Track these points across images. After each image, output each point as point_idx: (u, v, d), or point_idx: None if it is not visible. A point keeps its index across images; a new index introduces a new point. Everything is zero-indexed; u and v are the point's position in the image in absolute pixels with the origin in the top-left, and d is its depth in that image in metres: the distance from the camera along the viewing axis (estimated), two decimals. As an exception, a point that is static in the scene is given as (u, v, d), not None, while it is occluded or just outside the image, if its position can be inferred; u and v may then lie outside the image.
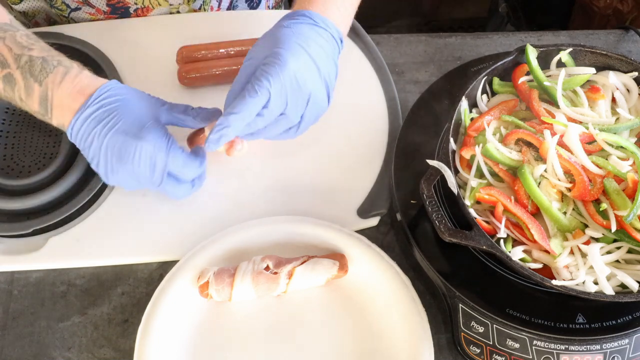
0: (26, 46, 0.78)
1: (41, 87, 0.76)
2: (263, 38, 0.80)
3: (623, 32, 1.11)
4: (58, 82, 0.76)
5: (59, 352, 0.80)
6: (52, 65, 0.77)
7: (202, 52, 0.98)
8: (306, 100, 0.78)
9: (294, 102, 0.76)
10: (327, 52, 0.79)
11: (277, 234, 0.85)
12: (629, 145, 0.81)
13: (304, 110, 0.79)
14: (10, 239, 0.87)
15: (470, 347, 0.77)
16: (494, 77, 0.90)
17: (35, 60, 0.77)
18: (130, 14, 1.06)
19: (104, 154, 0.76)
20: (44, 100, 0.77)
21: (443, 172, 0.78)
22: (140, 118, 0.77)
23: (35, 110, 0.78)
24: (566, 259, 0.76)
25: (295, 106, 0.77)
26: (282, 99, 0.75)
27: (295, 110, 0.78)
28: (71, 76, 0.77)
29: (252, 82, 0.74)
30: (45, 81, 0.76)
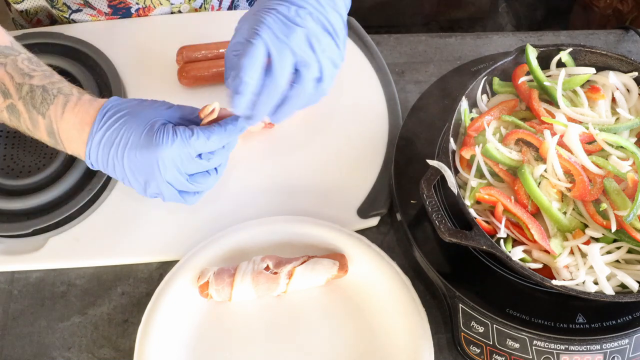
0: (27, 73, 0.76)
1: (45, 120, 0.75)
2: None
3: (623, 32, 1.11)
4: (60, 115, 0.75)
5: (59, 352, 0.80)
6: (53, 95, 0.75)
7: (202, 52, 0.98)
8: (306, 39, 0.74)
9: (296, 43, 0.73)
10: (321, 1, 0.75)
11: (277, 234, 0.85)
12: (629, 145, 0.81)
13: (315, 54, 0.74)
14: (10, 239, 0.87)
15: (470, 347, 0.77)
16: (494, 77, 0.90)
17: (36, 91, 0.75)
18: (131, 14, 1.06)
19: (131, 174, 0.74)
20: (51, 133, 0.76)
21: (443, 172, 0.78)
22: (148, 126, 0.74)
23: (46, 140, 0.78)
24: (566, 259, 0.76)
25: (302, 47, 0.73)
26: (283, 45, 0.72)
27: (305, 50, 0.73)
28: (71, 105, 0.75)
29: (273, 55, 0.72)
30: (47, 114, 0.75)
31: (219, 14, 1.12)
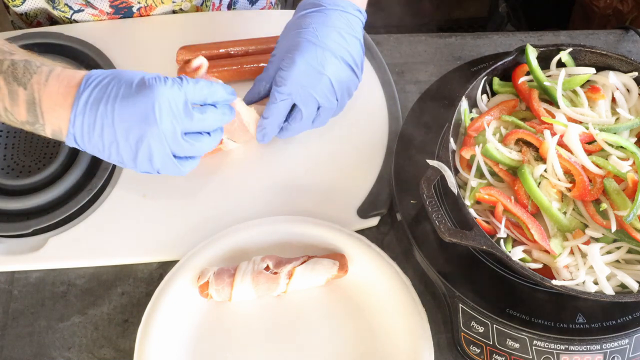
0: (7, 51, 0.73)
1: (26, 91, 0.70)
2: (283, 33, 0.88)
3: (623, 32, 1.11)
4: (44, 82, 0.71)
5: (59, 352, 0.80)
6: (36, 66, 0.72)
7: (202, 52, 0.98)
8: (330, 85, 0.83)
9: (321, 94, 0.83)
10: (342, 31, 0.84)
11: (277, 234, 0.85)
12: (629, 145, 0.81)
13: (336, 95, 0.85)
14: (10, 239, 0.87)
15: (470, 347, 0.77)
16: (494, 77, 0.90)
17: (18, 64, 0.72)
18: (133, 14, 1.06)
19: (121, 134, 0.70)
20: (31, 105, 0.71)
21: (443, 172, 0.78)
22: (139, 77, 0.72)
23: (23, 119, 0.72)
24: (566, 259, 0.76)
25: (326, 95, 0.84)
26: (309, 98, 0.83)
27: (328, 98, 0.84)
28: (56, 73, 0.72)
29: (273, 89, 0.83)
30: (30, 83, 0.71)
31: (219, 14, 1.12)
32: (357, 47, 0.86)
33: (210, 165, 0.92)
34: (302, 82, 0.82)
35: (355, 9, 0.87)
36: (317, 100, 0.84)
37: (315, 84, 0.83)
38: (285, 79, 0.82)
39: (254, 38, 1.00)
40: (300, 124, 0.86)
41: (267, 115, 0.84)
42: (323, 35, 0.83)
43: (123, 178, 0.91)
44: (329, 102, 0.85)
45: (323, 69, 0.82)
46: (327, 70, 0.83)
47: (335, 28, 0.84)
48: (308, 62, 0.82)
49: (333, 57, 0.83)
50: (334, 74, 0.83)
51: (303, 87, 0.82)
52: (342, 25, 0.85)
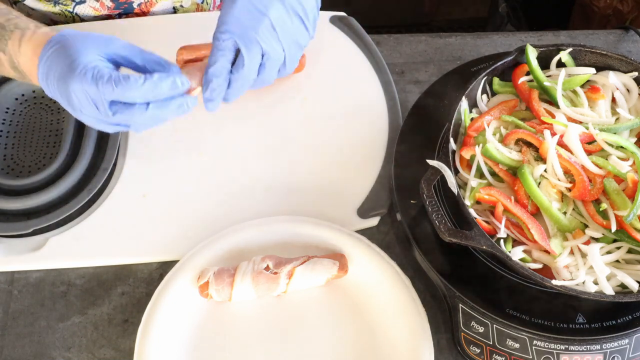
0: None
1: (6, 56, 0.76)
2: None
3: (623, 32, 1.11)
4: (17, 48, 0.75)
5: (59, 352, 0.80)
6: (9, 31, 0.76)
7: (202, 52, 0.98)
8: (271, 28, 0.76)
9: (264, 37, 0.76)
10: None
11: (277, 234, 0.85)
12: (629, 145, 0.81)
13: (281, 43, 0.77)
14: (10, 239, 0.87)
15: (470, 347, 0.77)
16: (494, 77, 0.90)
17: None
18: (134, 9, 1.06)
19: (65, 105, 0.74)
20: (14, 67, 0.77)
21: (443, 172, 0.78)
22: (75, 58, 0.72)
23: (13, 75, 0.79)
24: (566, 259, 0.76)
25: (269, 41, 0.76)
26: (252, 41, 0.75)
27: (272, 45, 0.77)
28: (27, 38, 0.75)
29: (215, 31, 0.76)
30: (7, 50, 0.76)
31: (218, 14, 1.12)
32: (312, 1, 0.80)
33: (210, 165, 0.92)
34: (242, 20, 0.75)
35: None
36: (260, 44, 0.76)
37: (256, 24, 0.75)
38: (226, 17, 0.76)
39: (254, 38, 1.00)
40: (244, 72, 0.76)
41: (213, 62, 0.76)
42: None
43: (123, 178, 0.91)
44: (272, 49, 0.77)
45: (265, 10, 0.76)
46: (269, 12, 0.76)
47: None
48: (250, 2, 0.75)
49: (278, 1, 0.76)
50: (277, 18, 0.76)
51: (244, 26, 0.75)
52: None
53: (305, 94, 0.96)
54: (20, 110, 0.96)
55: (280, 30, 0.77)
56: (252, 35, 0.75)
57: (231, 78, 0.77)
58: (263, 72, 0.78)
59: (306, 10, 0.79)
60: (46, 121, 0.95)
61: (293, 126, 0.96)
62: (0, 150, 0.92)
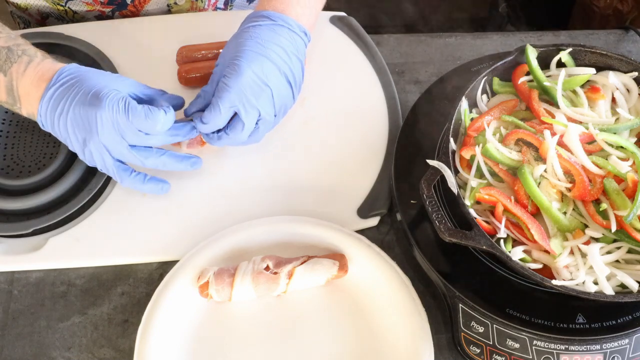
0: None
1: (6, 78, 0.78)
2: (229, 43, 0.85)
3: (623, 32, 1.11)
4: (22, 72, 0.78)
5: (59, 352, 0.80)
6: (17, 55, 0.79)
7: (202, 52, 0.98)
8: (271, 98, 0.82)
9: (263, 105, 0.82)
10: (287, 49, 0.84)
11: (277, 234, 0.85)
12: (629, 145, 0.81)
13: (274, 109, 0.84)
14: (10, 239, 0.87)
15: (470, 347, 0.77)
16: (494, 77, 0.90)
17: (1, 51, 0.79)
18: (127, 5, 1.06)
19: (72, 130, 0.78)
20: (10, 91, 0.79)
21: (443, 172, 0.78)
22: (99, 88, 0.77)
23: (4, 100, 0.81)
24: (566, 259, 0.76)
25: (267, 108, 0.82)
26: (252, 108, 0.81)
27: (268, 111, 0.83)
28: (34, 65, 0.79)
29: (216, 97, 0.81)
30: (9, 71, 0.78)
31: (219, 14, 1.12)
32: (299, 68, 0.86)
33: (210, 166, 0.92)
34: (246, 91, 0.80)
35: (301, 30, 0.86)
36: (259, 112, 0.82)
37: (259, 95, 0.81)
38: (230, 86, 0.80)
39: (254, 38, 1.00)
40: (238, 135, 0.83)
41: (207, 121, 0.81)
42: (269, 48, 0.82)
43: (123, 178, 0.91)
44: (268, 115, 0.83)
45: (267, 80, 0.81)
46: (270, 82, 0.81)
47: (281, 44, 0.83)
48: (254, 71, 0.80)
49: (277, 70, 0.82)
50: (276, 87, 0.82)
51: (247, 96, 0.80)
52: (287, 44, 0.84)
53: (305, 94, 0.96)
54: (20, 110, 0.96)
55: (276, 98, 0.83)
56: (254, 104, 0.81)
57: (221, 136, 0.84)
58: (256, 133, 0.85)
59: (295, 78, 0.85)
60: (46, 121, 0.95)
61: (293, 126, 0.96)
62: (0, 150, 0.92)
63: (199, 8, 1.11)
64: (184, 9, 1.10)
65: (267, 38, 0.83)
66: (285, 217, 0.86)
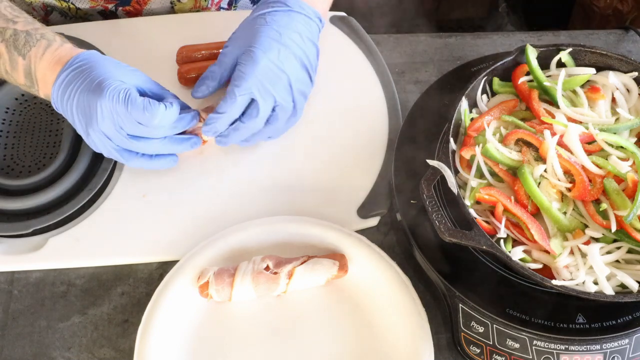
0: (11, 19, 0.82)
1: (25, 61, 0.80)
2: (242, 28, 0.86)
3: (623, 32, 1.11)
4: (40, 55, 0.79)
5: (59, 352, 0.80)
6: (36, 39, 0.80)
7: (202, 52, 0.98)
8: (288, 85, 0.83)
9: (279, 92, 0.82)
10: (303, 34, 0.84)
11: (277, 234, 0.85)
12: (629, 145, 0.81)
13: (292, 95, 0.84)
14: (10, 239, 0.87)
15: (470, 347, 0.77)
16: (494, 77, 0.90)
17: (20, 34, 0.80)
18: (130, 0, 1.06)
19: (77, 115, 0.79)
20: (28, 74, 0.80)
21: (443, 172, 0.78)
22: (104, 77, 0.78)
23: (22, 82, 0.82)
24: (566, 259, 0.76)
25: (283, 94, 0.82)
26: (268, 94, 0.81)
27: (285, 97, 0.83)
28: (52, 49, 0.80)
29: (232, 85, 0.81)
30: (28, 55, 0.79)
31: (219, 14, 1.12)
32: (314, 52, 0.87)
33: (210, 166, 0.92)
34: (262, 78, 0.81)
35: (316, 16, 0.87)
36: (275, 98, 0.82)
37: (276, 82, 0.82)
38: (246, 74, 0.80)
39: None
40: (254, 122, 0.83)
41: (223, 110, 0.81)
42: (285, 35, 0.83)
43: (123, 178, 0.91)
44: (285, 101, 0.84)
45: (283, 67, 0.82)
46: (286, 69, 0.82)
47: (297, 30, 0.84)
48: (270, 58, 0.81)
49: (293, 57, 0.83)
50: (293, 73, 0.83)
51: (263, 83, 0.81)
52: (303, 29, 0.85)
53: (305, 94, 0.96)
54: (20, 110, 0.96)
55: (294, 85, 0.83)
56: (269, 91, 0.81)
57: (237, 126, 0.84)
58: (276, 122, 0.85)
59: (312, 63, 0.86)
60: (46, 121, 0.95)
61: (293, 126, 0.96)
62: (0, 150, 0.92)
63: (202, 7, 1.11)
64: (187, 7, 1.09)
65: (283, 24, 0.83)
66: (285, 217, 0.86)
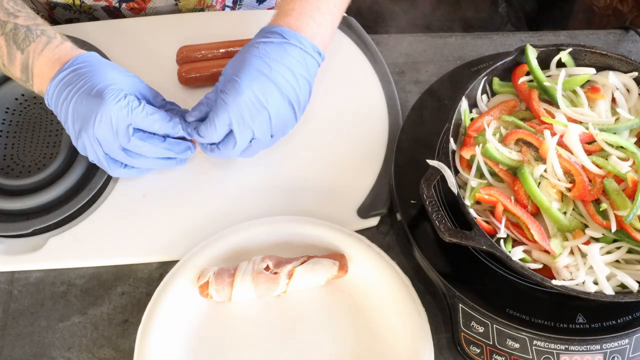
0: (12, 13, 0.81)
1: (23, 55, 0.80)
2: (237, 55, 0.83)
3: (623, 32, 1.11)
4: (39, 51, 0.79)
5: (59, 352, 0.80)
6: (36, 35, 0.80)
7: (202, 52, 0.98)
8: (268, 120, 0.81)
9: (258, 126, 0.81)
10: (295, 71, 0.81)
11: (277, 234, 0.85)
12: (629, 145, 0.81)
13: (271, 130, 0.82)
14: (10, 239, 0.87)
15: (470, 347, 0.77)
16: (494, 77, 0.90)
17: (20, 29, 0.80)
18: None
19: (71, 118, 0.78)
20: (25, 68, 0.80)
21: (443, 172, 0.78)
22: (105, 84, 0.77)
23: (18, 77, 0.82)
24: (566, 259, 0.76)
25: (262, 128, 0.81)
26: (246, 128, 0.80)
27: (264, 132, 0.82)
28: (52, 46, 0.80)
29: (212, 112, 0.80)
30: (27, 49, 0.79)
31: (219, 14, 1.12)
32: (306, 90, 0.83)
33: (210, 166, 0.92)
34: (243, 111, 0.79)
35: (315, 51, 0.83)
36: (253, 133, 0.81)
37: (256, 116, 0.79)
38: (227, 104, 0.78)
39: (254, 38, 1.00)
40: (230, 151, 0.82)
41: (202, 135, 0.81)
42: (275, 69, 0.79)
43: (123, 178, 0.91)
44: (263, 136, 0.82)
45: (266, 103, 0.79)
46: (269, 105, 0.79)
47: (289, 65, 0.80)
48: (253, 91, 0.78)
49: (279, 93, 0.80)
50: (275, 110, 0.80)
51: (242, 115, 0.79)
52: (297, 65, 0.81)
53: (305, 94, 0.96)
54: (20, 110, 0.96)
55: (274, 120, 0.81)
56: (248, 124, 0.80)
57: (212, 149, 0.83)
58: (249, 150, 0.84)
59: (300, 101, 0.83)
60: (46, 121, 0.95)
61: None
62: (0, 150, 0.92)
63: (207, 4, 1.11)
64: (190, 5, 1.09)
65: (276, 57, 0.80)
66: (285, 217, 0.86)
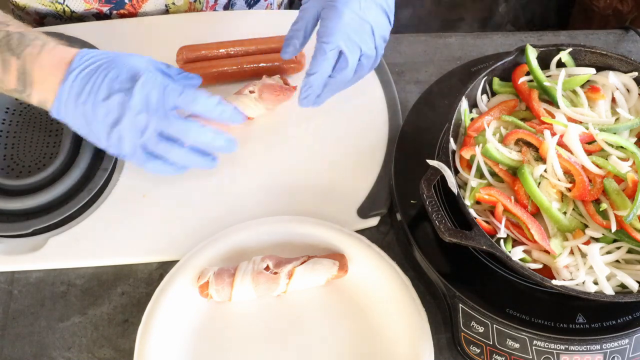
0: (3, 22, 0.78)
1: (19, 60, 0.75)
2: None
3: (623, 32, 1.11)
4: (36, 54, 0.75)
5: (59, 352, 0.80)
6: (30, 39, 0.76)
7: (202, 52, 0.98)
8: (371, 33, 0.82)
9: (364, 41, 0.82)
10: None
11: (277, 234, 0.85)
12: (629, 145, 0.81)
13: (375, 42, 0.83)
14: (10, 239, 0.87)
15: (470, 347, 0.77)
16: (494, 77, 0.90)
17: (13, 35, 0.76)
18: (125, 4, 1.06)
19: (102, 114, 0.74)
20: (22, 75, 0.75)
21: (443, 172, 0.78)
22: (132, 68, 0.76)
23: (12, 87, 0.76)
24: (566, 259, 0.76)
25: (368, 43, 0.82)
26: (354, 46, 0.81)
27: (369, 45, 0.83)
28: (48, 48, 0.76)
29: (319, 42, 0.80)
30: (23, 54, 0.75)
31: (219, 14, 1.12)
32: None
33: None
34: (347, 31, 0.80)
35: None
36: (361, 48, 0.82)
37: (360, 32, 0.81)
38: (332, 29, 0.79)
39: (254, 38, 1.00)
40: (344, 75, 0.83)
41: (315, 70, 0.81)
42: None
43: (123, 178, 0.91)
44: (370, 49, 0.83)
45: (366, 17, 0.81)
46: (369, 17, 0.81)
47: None
48: (353, 10, 0.80)
49: (373, 4, 0.82)
50: (374, 21, 0.82)
51: (349, 36, 0.80)
52: None
53: (305, 94, 0.96)
54: (20, 110, 0.96)
55: (376, 32, 0.83)
56: (356, 42, 0.81)
57: (328, 82, 0.83)
58: (361, 71, 0.85)
59: (390, 6, 0.85)
60: (46, 121, 0.95)
61: (293, 126, 0.96)
62: (0, 150, 0.92)
63: (197, 9, 1.11)
64: (181, 10, 1.10)
65: None
66: (285, 217, 0.86)
